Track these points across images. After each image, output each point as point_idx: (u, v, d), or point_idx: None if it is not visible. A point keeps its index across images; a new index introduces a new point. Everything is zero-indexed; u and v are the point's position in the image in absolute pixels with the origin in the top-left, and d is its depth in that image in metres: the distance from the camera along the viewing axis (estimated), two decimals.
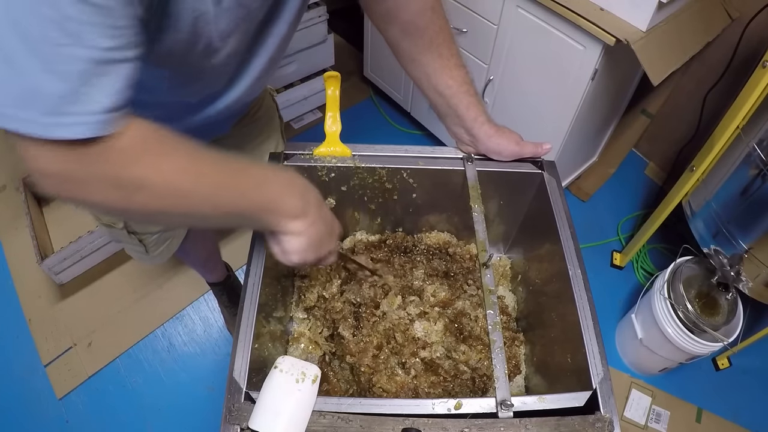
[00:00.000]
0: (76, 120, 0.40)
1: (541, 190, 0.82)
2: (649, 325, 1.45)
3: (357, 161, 0.82)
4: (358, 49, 2.38)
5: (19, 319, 1.62)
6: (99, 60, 0.40)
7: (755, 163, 1.18)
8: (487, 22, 1.54)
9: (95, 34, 0.39)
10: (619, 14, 1.27)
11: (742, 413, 1.56)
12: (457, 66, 0.79)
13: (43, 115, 0.40)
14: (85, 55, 0.39)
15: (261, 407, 0.58)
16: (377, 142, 0.85)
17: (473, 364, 0.80)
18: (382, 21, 0.78)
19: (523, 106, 1.63)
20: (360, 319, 0.84)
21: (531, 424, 0.58)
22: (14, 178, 1.84)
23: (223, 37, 0.56)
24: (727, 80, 1.60)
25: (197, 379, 1.54)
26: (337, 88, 0.81)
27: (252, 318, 0.66)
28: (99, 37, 0.39)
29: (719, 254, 1.32)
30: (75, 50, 0.39)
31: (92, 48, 0.39)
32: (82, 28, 0.38)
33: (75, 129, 0.41)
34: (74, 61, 0.39)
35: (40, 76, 0.39)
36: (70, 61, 0.39)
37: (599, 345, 0.65)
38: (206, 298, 1.70)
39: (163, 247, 1.01)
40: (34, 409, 1.47)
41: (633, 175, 2.12)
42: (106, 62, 0.41)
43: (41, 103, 0.39)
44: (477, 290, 0.89)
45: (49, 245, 1.70)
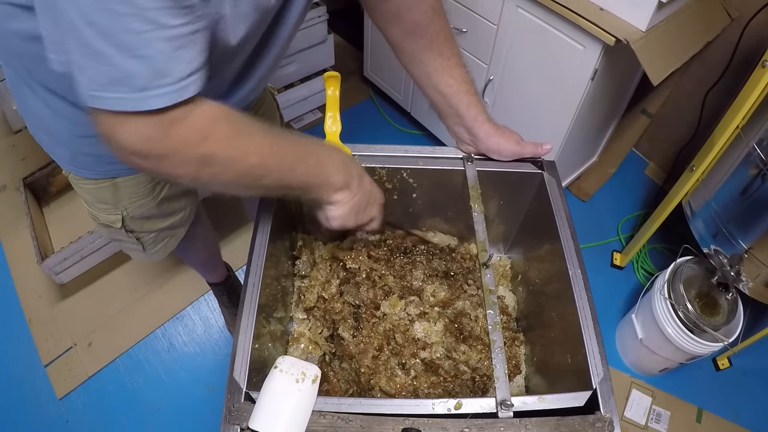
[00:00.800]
0: (164, 91, 0.46)
1: (541, 190, 0.82)
2: (649, 325, 1.45)
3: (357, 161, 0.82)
4: (358, 49, 2.38)
5: (19, 319, 1.62)
6: (174, 37, 0.45)
7: (755, 162, 1.18)
8: (487, 22, 1.54)
9: (168, 16, 0.44)
10: (619, 14, 1.27)
11: (742, 413, 1.56)
12: (457, 65, 0.79)
13: (135, 91, 0.45)
14: (162, 35, 0.44)
15: (261, 407, 0.58)
16: (377, 142, 0.85)
17: (473, 364, 0.80)
18: (385, 21, 0.78)
19: (523, 106, 1.63)
20: (360, 320, 0.84)
21: (531, 424, 0.58)
22: (14, 178, 1.84)
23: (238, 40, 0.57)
24: (727, 80, 1.60)
25: (197, 379, 1.54)
26: (337, 88, 0.81)
27: (252, 318, 0.66)
28: (172, 18, 0.44)
29: (719, 254, 1.32)
30: (154, 34, 0.44)
31: (168, 28, 0.44)
32: (157, 14, 0.43)
33: (164, 98, 0.47)
34: (155, 43, 0.44)
35: (129, 62, 0.44)
36: (151, 44, 0.44)
37: (599, 345, 0.65)
38: (206, 298, 1.70)
39: (160, 246, 1.02)
40: (34, 409, 1.47)
41: (633, 175, 2.12)
42: (180, 37, 0.46)
43: (132, 84, 0.45)
44: (477, 290, 0.89)
45: (49, 245, 1.70)
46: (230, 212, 1.83)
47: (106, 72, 0.45)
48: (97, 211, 0.89)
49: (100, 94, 0.46)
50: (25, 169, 1.79)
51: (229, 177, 0.56)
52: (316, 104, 2.22)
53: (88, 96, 0.47)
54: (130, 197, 0.85)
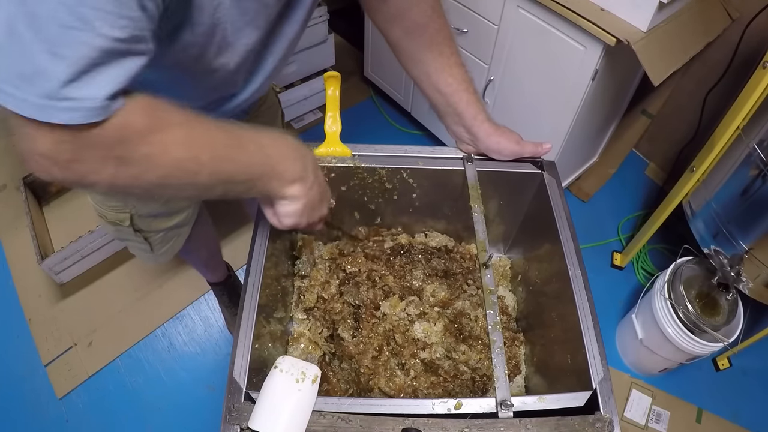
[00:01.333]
0: (72, 105, 0.40)
1: (541, 190, 0.82)
2: (649, 326, 1.45)
3: (357, 161, 0.82)
4: (358, 49, 2.38)
5: (19, 319, 1.62)
6: (105, 49, 0.39)
7: (755, 163, 1.18)
8: (487, 22, 1.54)
9: (106, 23, 0.39)
10: (620, 14, 1.27)
11: (742, 413, 1.56)
12: (457, 64, 0.79)
13: (41, 97, 0.39)
14: (92, 42, 0.39)
15: (261, 407, 0.58)
16: (377, 142, 0.85)
17: (473, 364, 0.80)
18: (386, 22, 0.78)
19: (523, 107, 1.63)
20: (359, 320, 0.84)
21: (531, 424, 0.58)
22: (14, 178, 1.84)
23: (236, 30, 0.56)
24: (728, 80, 1.60)
25: (197, 379, 1.54)
26: (338, 88, 0.81)
27: (252, 318, 0.66)
28: (110, 26, 0.39)
29: (719, 254, 1.32)
30: (83, 35, 0.38)
31: (101, 36, 0.39)
32: (95, 14, 0.38)
33: (70, 114, 0.40)
34: (81, 46, 0.38)
35: (44, 56, 0.38)
36: (77, 46, 0.38)
37: (599, 345, 0.65)
38: (206, 298, 1.70)
39: (167, 246, 1.02)
40: (35, 409, 1.47)
41: (633, 175, 2.12)
42: (112, 52, 0.40)
43: (41, 85, 0.39)
44: (477, 290, 0.89)
45: (49, 245, 1.70)
46: (230, 212, 1.83)
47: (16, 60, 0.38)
48: (106, 209, 0.89)
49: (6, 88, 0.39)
50: (25, 169, 1.78)
51: (154, 177, 0.48)
52: (317, 104, 2.23)
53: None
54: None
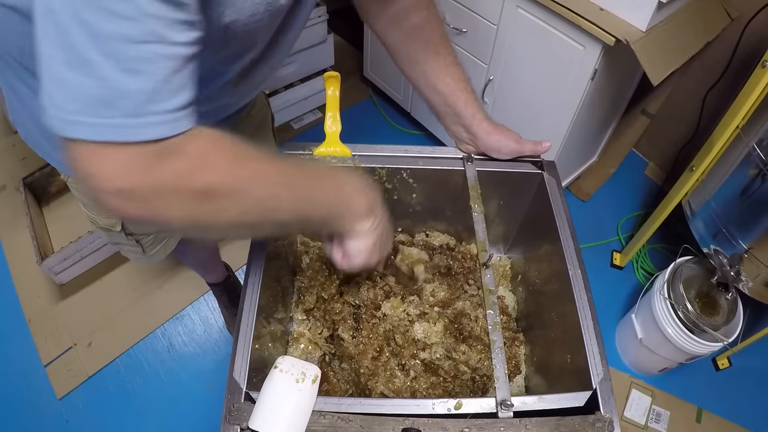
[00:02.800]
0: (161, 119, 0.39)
1: (541, 190, 0.82)
2: (649, 325, 1.45)
3: (357, 161, 0.82)
4: (358, 49, 2.38)
5: (19, 319, 1.62)
6: (178, 56, 0.39)
7: (755, 162, 1.18)
8: (487, 22, 1.54)
9: (173, 30, 0.38)
10: (619, 14, 1.27)
11: (742, 413, 1.56)
12: (454, 64, 0.79)
13: (125, 116, 0.37)
14: (164, 51, 0.38)
15: (261, 407, 0.58)
16: (377, 142, 0.85)
17: (473, 365, 0.80)
18: (385, 27, 0.78)
19: (523, 106, 1.63)
20: (359, 320, 0.84)
21: (531, 424, 0.58)
22: (14, 178, 1.84)
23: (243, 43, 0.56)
24: (727, 80, 1.60)
25: (197, 379, 1.54)
26: (337, 88, 0.81)
27: (252, 318, 0.66)
28: (177, 33, 0.38)
29: (719, 254, 1.32)
30: (155, 47, 0.37)
31: (171, 44, 0.38)
32: (161, 24, 0.37)
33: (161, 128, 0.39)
34: (155, 58, 0.38)
35: (120, 76, 0.37)
36: (152, 59, 0.37)
37: (599, 345, 0.65)
38: (206, 298, 1.70)
39: (159, 247, 1.02)
40: (35, 409, 1.47)
41: (633, 175, 2.12)
42: (183, 58, 0.40)
43: (122, 106, 0.37)
44: (477, 290, 0.89)
45: (49, 245, 1.70)
46: None
47: (92, 88, 0.37)
48: (96, 215, 0.88)
49: (77, 118, 0.37)
50: (25, 169, 1.79)
51: (235, 213, 0.47)
52: (316, 104, 2.23)
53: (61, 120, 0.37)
54: None
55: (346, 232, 0.60)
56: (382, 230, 0.63)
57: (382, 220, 0.62)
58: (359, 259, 0.62)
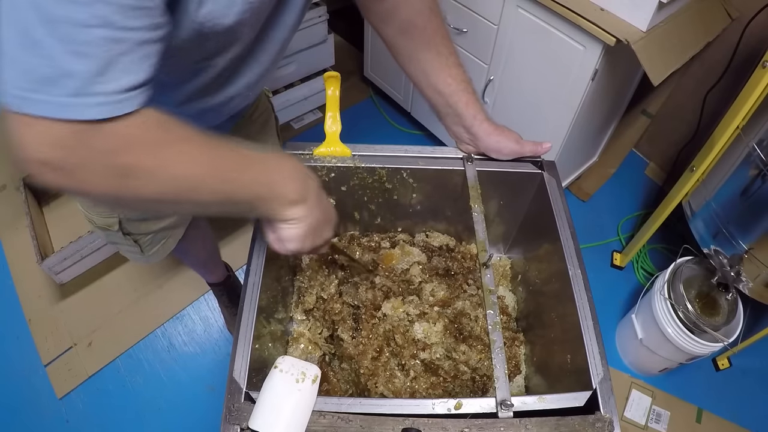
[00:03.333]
0: (100, 100, 0.41)
1: (541, 190, 0.82)
2: (649, 326, 1.45)
3: (357, 161, 0.82)
4: (358, 49, 2.38)
5: (19, 319, 1.62)
6: (126, 40, 0.40)
7: (755, 163, 1.18)
8: (487, 22, 1.54)
9: (123, 16, 0.39)
10: (620, 14, 1.27)
11: (742, 413, 1.56)
12: (455, 65, 0.79)
13: (67, 95, 0.39)
14: (110, 35, 0.39)
15: (261, 407, 0.58)
16: (377, 142, 0.85)
17: (473, 365, 0.80)
18: (380, 20, 0.78)
19: (523, 107, 1.63)
20: (359, 320, 0.84)
21: (531, 424, 0.58)
22: (14, 178, 1.84)
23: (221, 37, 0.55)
24: (727, 80, 1.60)
25: (197, 379, 1.54)
26: (337, 88, 0.81)
27: (252, 318, 0.66)
28: (127, 18, 0.40)
29: (719, 254, 1.32)
30: (102, 32, 0.39)
31: (120, 29, 0.39)
32: (110, 10, 0.38)
33: (99, 109, 0.41)
34: (102, 42, 0.39)
35: (67, 57, 0.39)
36: (98, 42, 0.39)
37: (599, 345, 0.65)
38: (206, 298, 1.70)
39: (158, 247, 1.01)
40: (35, 409, 1.47)
41: (633, 175, 2.12)
42: (133, 43, 0.41)
43: (67, 85, 0.39)
44: (477, 290, 0.89)
45: (49, 245, 1.70)
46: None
47: (40, 67, 0.39)
48: (94, 214, 0.88)
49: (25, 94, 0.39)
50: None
51: (153, 191, 0.48)
52: (316, 104, 2.22)
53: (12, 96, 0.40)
54: None
55: (277, 217, 0.59)
56: (317, 218, 0.62)
57: (315, 207, 0.61)
58: (291, 245, 0.61)
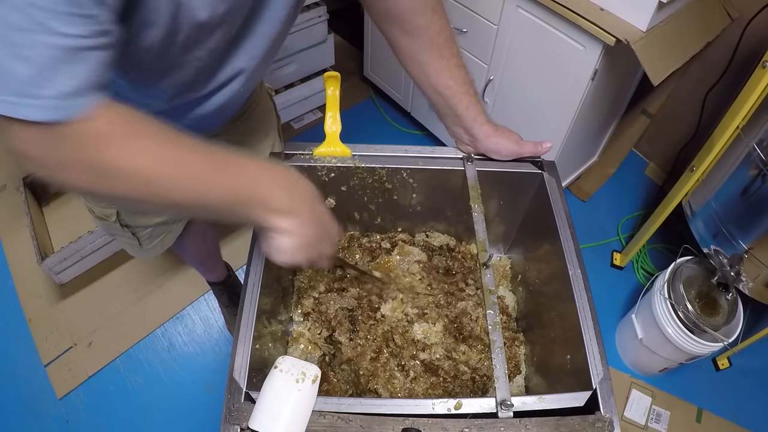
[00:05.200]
0: (42, 103, 0.41)
1: (541, 190, 0.82)
2: (649, 325, 1.45)
3: (357, 161, 0.82)
4: (358, 49, 2.38)
5: (19, 319, 1.62)
6: (65, 47, 0.41)
7: (755, 163, 1.18)
8: (487, 22, 1.54)
9: (62, 22, 0.39)
10: (620, 14, 1.27)
11: (742, 413, 1.56)
12: (457, 66, 0.79)
13: (12, 95, 0.40)
14: (48, 41, 0.40)
15: (261, 407, 0.58)
16: (377, 142, 0.85)
17: (473, 365, 0.80)
18: (382, 19, 0.78)
19: (523, 106, 1.63)
20: (356, 322, 0.84)
21: (531, 424, 0.58)
22: (14, 178, 1.84)
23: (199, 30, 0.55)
24: (727, 80, 1.60)
25: (197, 379, 1.54)
26: (337, 88, 0.81)
27: (252, 318, 0.66)
28: (66, 25, 0.40)
29: (719, 254, 1.32)
30: (39, 37, 0.39)
31: (58, 35, 0.40)
32: (48, 16, 0.39)
33: (41, 112, 0.41)
34: (40, 47, 0.40)
35: (7, 60, 0.40)
36: (36, 46, 0.39)
37: (599, 345, 0.65)
38: (206, 298, 1.70)
39: (156, 241, 1.01)
40: (35, 409, 1.47)
41: (633, 175, 2.12)
42: (73, 49, 0.41)
43: (9, 85, 0.40)
44: (477, 290, 0.89)
45: (49, 245, 1.70)
46: None
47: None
48: (94, 204, 0.89)
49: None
50: (25, 169, 1.79)
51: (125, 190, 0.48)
52: (316, 104, 2.23)
53: None
54: None
55: (264, 225, 0.57)
56: (312, 233, 0.59)
57: (309, 220, 0.58)
58: (282, 257, 0.59)
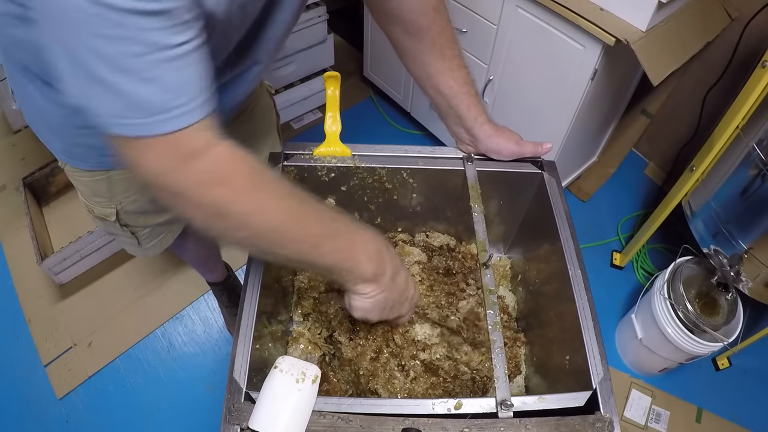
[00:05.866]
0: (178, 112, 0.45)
1: (541, 190, 0.82)
2: (649, 325, 1.45)
3: (357, 161, 0.82)
4: (358, 49, 2.38)
5: (19, 319, 1.62)
6: (178, 56, 0.44)
7: (755, 163, 1.18)
8: (487, 22, 1.54)
9: (167, 36, 0.42)
10: (619, 14, 1.27)
11: (742, 413, 1.56)
12: (458, 67, 0.79)
13: (150, 116, 0.44)
14: (165, 56, 0.43)
15: (261, 407, 0.58)
16: (377, 142, 0.85)
17: (474, 365, 0.80)
18: (385, 20, 0.78)
19: (523, 106, 1.63)
20: (356, 322, 0.84)
21: (531, 424, 0.58)
22: (14, 178, 1.84)
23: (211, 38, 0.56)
24: (727, 80, 1.60)
25: (197, 379, 1.54)
26: (337, 88, 0.81)
27: (252, 318, 0.66)
28: (171, 37, 0.43)
29: (719, 254, 1.32)
30: (156, 56, 0.42)
31: (169, 48, 0.43)
32: (155, 35, 0.42)
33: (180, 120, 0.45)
34: (159, 64, 0.43)
35: (135, 86, 0.43)
36: (155, 66, 0.43)
37: (599, 345, 0.65)
38: (206, 298, 1.70)
39: (155, 241, 1.02)
40: (34, 409, 1.47)
41: (633, 175, 2.12)
42: (184, 56, 0.44)
43: (145, 108, 0.44)
44: (477, 290, 0.89)
45: (49, 245, 1.70)
46: None
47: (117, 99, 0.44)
48: (93, 203, 0.89)
49: (117, 120, 0.45)
50: (25, 169, 1.79)
51: (243, 235, 0.52)
52: (316, 104, 2.23)
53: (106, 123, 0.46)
54: (124, 191, 0.85)
55: (349, 288, 0.63)
56: (389, 297, 0.65)
57: (388, 288, 0.64)
58: (358, 314, 0.65)
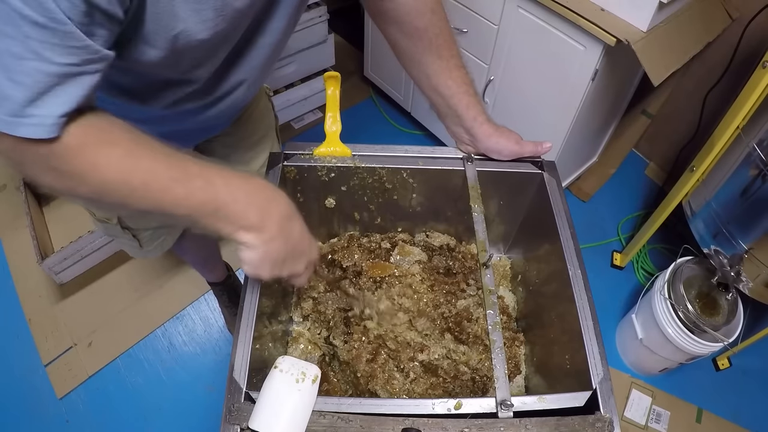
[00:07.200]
0: (34, 121, 0.45)
1: (541, 190, 0.82)
2: (649, 326, 1.45)
3: (357, 161, 0.82)
4: (358, 49, 2.38)
5: (19, 319, 1.62)
6: (57, 73, 0.44)
7: (755, 163, 1.18)
8: (487, 22, 1.54)
9: (54, 52, 0.43)
10: (620, 14, 1.27)
11: (742, 413, 1.56)
12: (457, 67, 0.79)
13: (7, 115, 0.44)
14: (44, 68, 0.44)
15: (261, 407, 0.58)
16: (377, 142, 0.85)
17: (473, 365, 0.80)
18: (383, 21, 0.78)
19: (523, 107, 1.63)
20: (350, 325, 0.84)
21: (531, 424, 0.58)
22: (14, 178, 1.84)
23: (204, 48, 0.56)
24: (727, 80, 1.60)
25: (197, 379, 1.54)
26: (337, 88, 0.81)
27: (252, 318, 0.66)
28: (57, 55, 0.43)
29: (719, 254, 1.32)
30: (35, 64, 0.43)
31: (51, 63, 0.44)
32: (40, 46, 0.42)
33: (33, 129, 0.45)
34: (34, 73, 0.43)
35: (5, 83, 0.44)
36: (31, 73, 0.43)
37: (599, 345, 0.65)
38: (206, 298, 1.70)
39: (156, 243, 1.02)
40: (35, 409, 1.47)
41: (633, 175, 2.12)
42: (63, 75, 0.45)
43: (6, 106, 0.44)
44: (477, 290, 0.89)
45: (49, 245, 1.70)
46: None
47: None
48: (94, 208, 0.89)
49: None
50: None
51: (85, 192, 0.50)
52: (316, 104, 2.22)
53: None
54: None
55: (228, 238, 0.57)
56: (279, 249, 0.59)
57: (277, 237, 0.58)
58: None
